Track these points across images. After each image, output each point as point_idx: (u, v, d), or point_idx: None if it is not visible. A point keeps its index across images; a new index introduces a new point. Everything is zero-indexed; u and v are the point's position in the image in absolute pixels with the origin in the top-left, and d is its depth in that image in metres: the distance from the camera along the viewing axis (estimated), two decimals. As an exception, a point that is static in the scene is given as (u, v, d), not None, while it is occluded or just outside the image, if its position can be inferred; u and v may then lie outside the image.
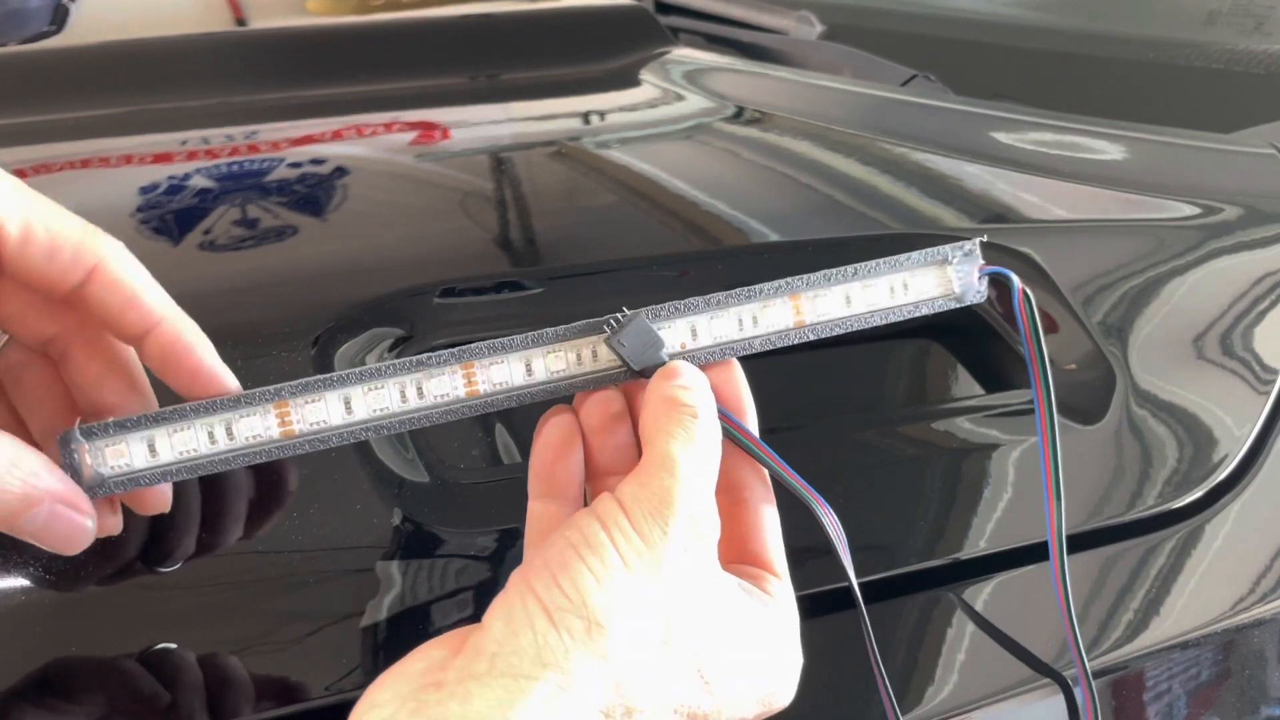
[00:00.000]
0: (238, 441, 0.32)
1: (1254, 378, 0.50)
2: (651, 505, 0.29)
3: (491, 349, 0.33)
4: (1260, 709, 0.44)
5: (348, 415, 0.32)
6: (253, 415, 0.32)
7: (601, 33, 0.78)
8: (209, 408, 0.31)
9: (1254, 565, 0.45)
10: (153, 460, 0.31)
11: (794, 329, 0.35)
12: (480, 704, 0.25)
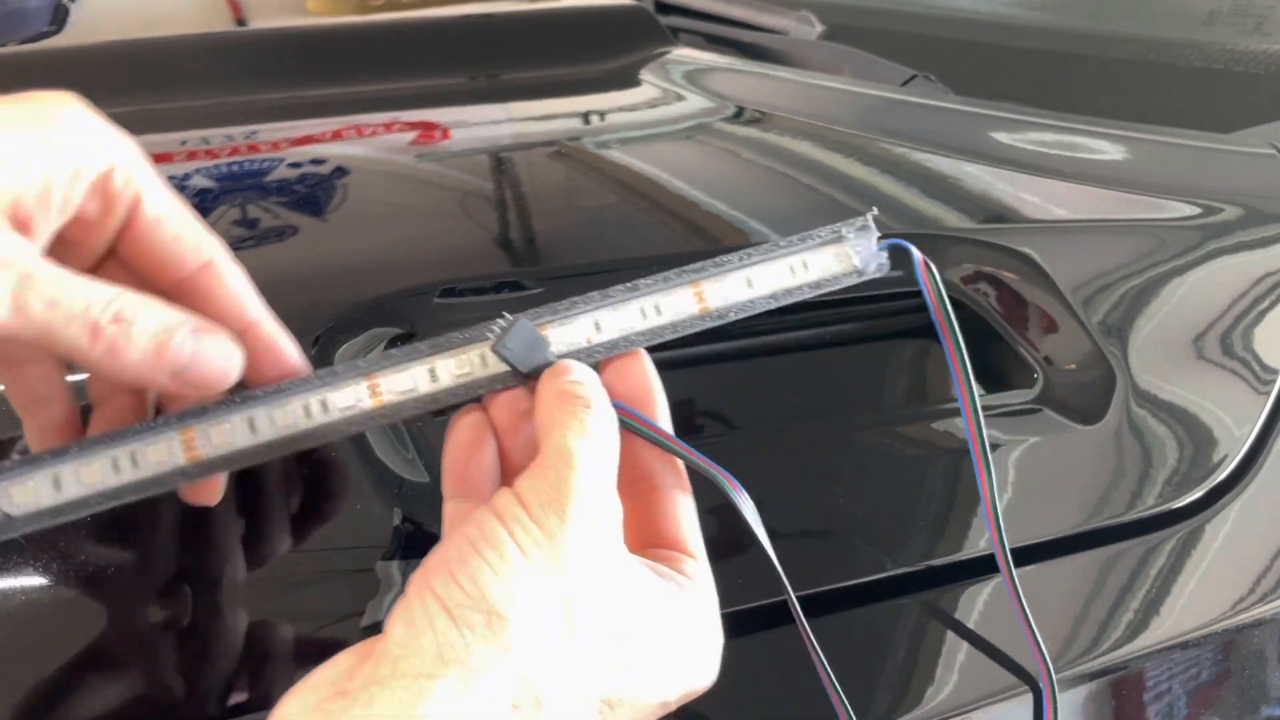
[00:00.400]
0: (144, 471, 0.30)
1: (1254, 378, 0.50)
2: (548, 495, 0.29)
3: (393, 360, 0.33)
4: (1260, 709, 0.44)
5: (253, 437, 0.31)
6: (159, 442, 0.31)
7: (601, 33, 0.78)
8: (114, 438, 0.30)
9: (1254, 565, 0.45)
10: (58, 497, 0.30)
11: (699, 315, 0.35)
12: (383, 707, 0.25)
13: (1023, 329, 0.50)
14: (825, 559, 0.42)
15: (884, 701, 0.38)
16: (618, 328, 0.35)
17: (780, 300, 0.36)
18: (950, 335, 0.36)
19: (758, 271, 0.36)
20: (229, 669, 0.35)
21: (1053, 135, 0.64)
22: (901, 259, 0.36)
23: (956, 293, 0.51)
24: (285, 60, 0.69)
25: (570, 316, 0.34)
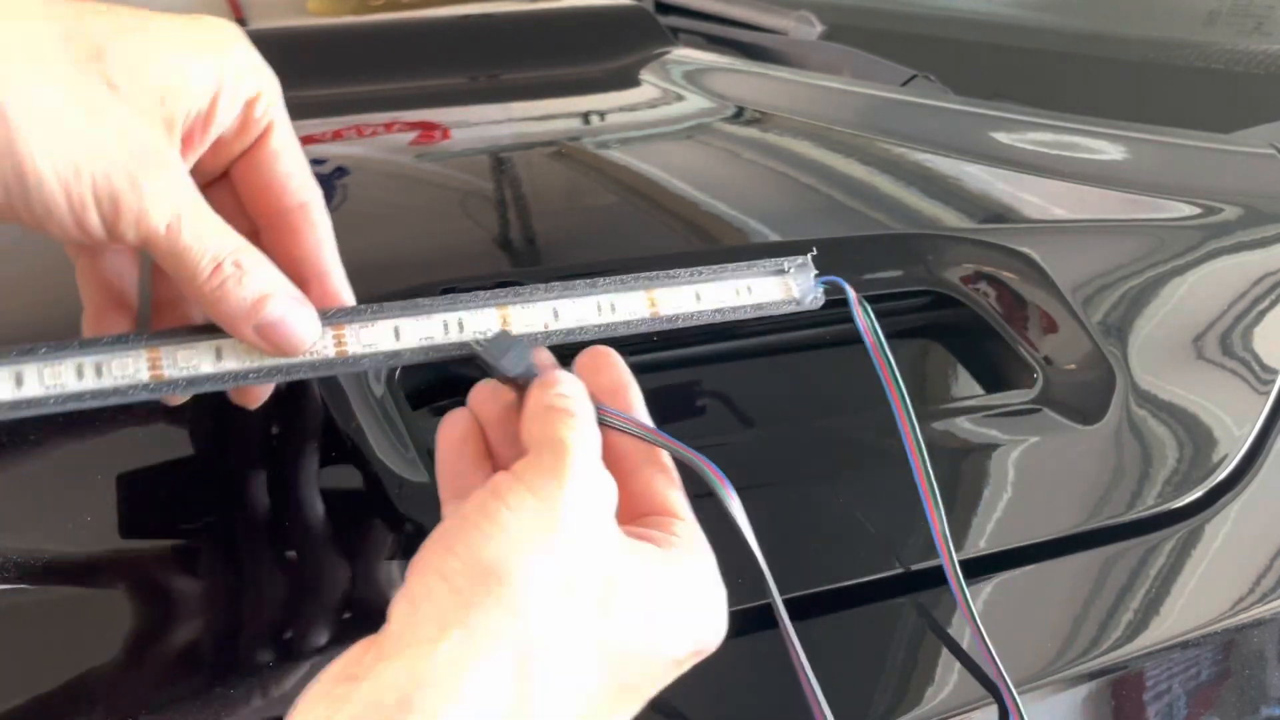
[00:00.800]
0: (106, 381, 0.31)
1: (1254, 377, 0.50)
2: (545, 467, 0.29)
3: (361, 314, 0.34)
4: (1260, 709, 0.44)
5: (218, 364, 0.32)
6: (125, 357, 0.31)
7: (602, 33, 0.78)
8: (85, 346, 0.31)
9: (1254, 565, 0.45)
10: (17, 393, 0.30)
11: (650, 318, 0.38)
12: (389, 679, 0.25)
13: (1022, 329, 0.50)
14: (812, 561, 0.42)
15: (881, 703, 0.38)
16: (575, 318, 0.37)
17: (725, 316, 0.39)
18: (889, 373, 0.39)
19: (707, 288, 0.39)
20: (223, 678, 0.35)
21: (1053, 135, 0.64)
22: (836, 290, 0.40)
23: (957, 293, 0.51)
24: (285, 61, 0.69)
25: (531, 301, 0.36)
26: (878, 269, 0.50)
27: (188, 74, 0.29)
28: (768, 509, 0.43)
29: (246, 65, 0.31)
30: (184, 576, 0.37)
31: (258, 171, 0.33)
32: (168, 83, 0.29)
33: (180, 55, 0.30)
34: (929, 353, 0.52)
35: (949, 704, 0.39)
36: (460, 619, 0.26)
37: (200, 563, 0.37)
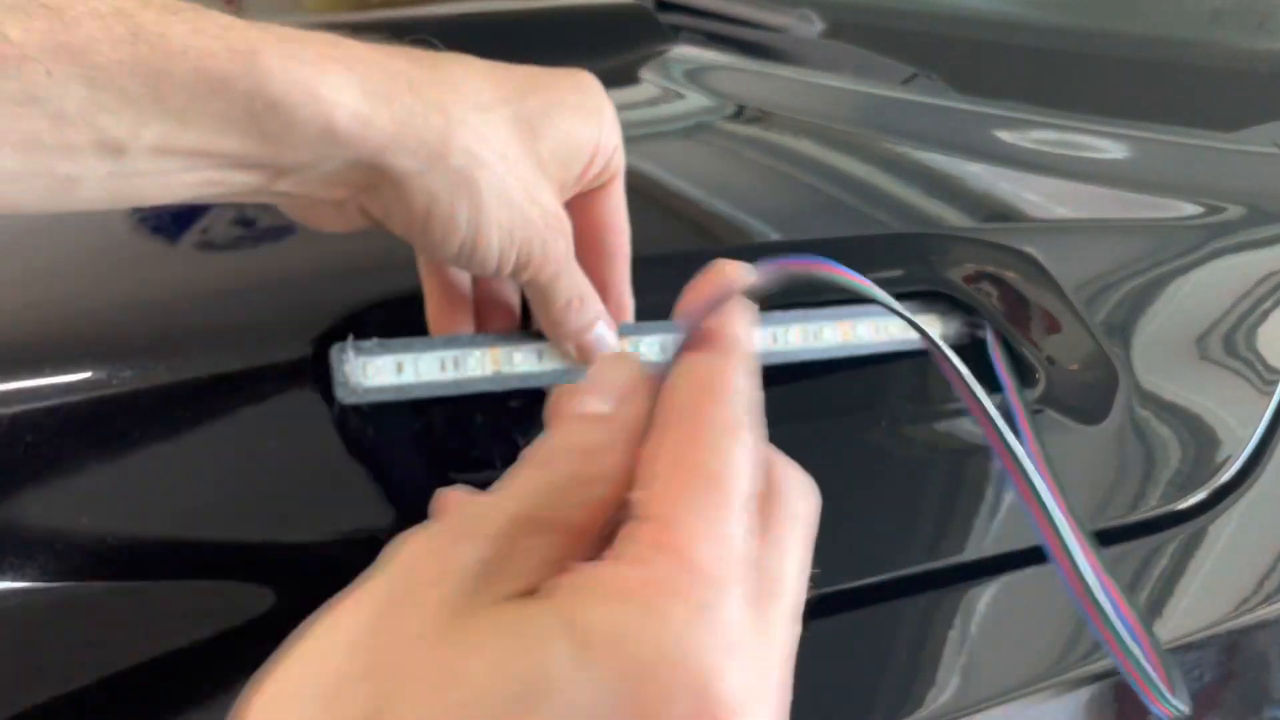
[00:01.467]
0: (460, 374, 0.38)
1: (1258, 378, 0.50)
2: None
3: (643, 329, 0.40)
4: (1264, 710, 0.44)
5: (539, 365, 0.39)
6: (474, 354, 0.38)
7: (601, 30, 0.78)
8: (449, 342, 0.38)
9: (1258, 567, 0.45)
10: (398, 379, 0.37)
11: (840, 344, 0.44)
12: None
13: (1025, 329, 0.50)
14: (826, 560, 0.41)
15: (888, 702, 0.38)
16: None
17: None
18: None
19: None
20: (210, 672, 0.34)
21: (1055, 134, 0.64)
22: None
23: (959, 292, 0.51)
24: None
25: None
26: (879, 269, 0.50)
27: (582, 143, 0.35)
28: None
29: (612, 123, 0.37)
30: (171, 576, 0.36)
31: (593, 207, 0.38)
32: (572, 153, 0.35)
33: (578, 125, 0.35)
34: (929, 353, 0.51)
35: (950, 705, 0.39)
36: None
37: (197, 562, 0.37)
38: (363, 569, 0.38)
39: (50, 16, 0.25)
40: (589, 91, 0.36)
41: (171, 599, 0.36)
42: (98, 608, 0.35)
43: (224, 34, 0.28)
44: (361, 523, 0.39)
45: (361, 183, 0.32)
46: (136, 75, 0.26)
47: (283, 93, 0.28)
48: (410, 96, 0.31)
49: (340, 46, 0.31)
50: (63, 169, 0.27)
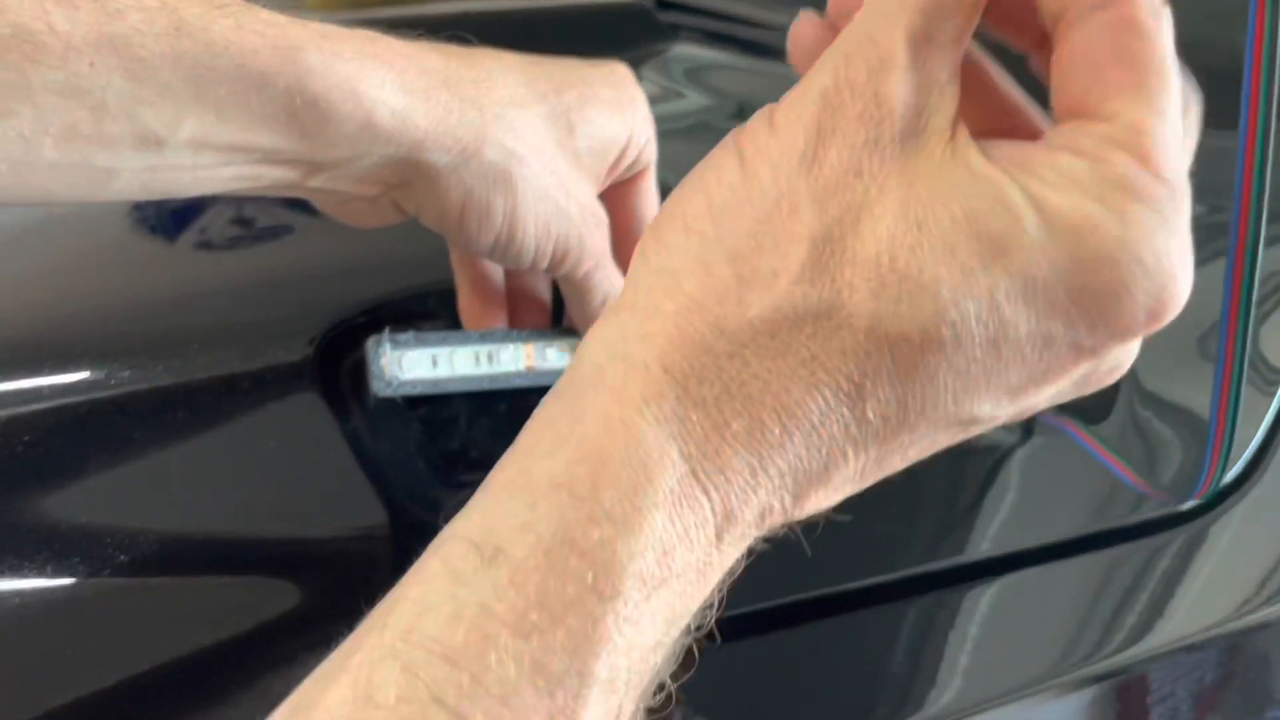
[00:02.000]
0: (495, 369, 0.38)
1: (1259, 379, 0.50)
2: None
3: None
4: (1265, 712, 0.44)
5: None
6: (508, 349, 0.38)
7: (602, 30, 0.78)
8: (484, 337, 0.38)
9: (1259, 568, 0.45)
10: (434, 372, 0.37)
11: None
12: None
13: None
14: (828, 561, 0.41)
15: (889, 703, 0.38)
16: None
17: None
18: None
19: None
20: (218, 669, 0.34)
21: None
22: None
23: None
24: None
25: None
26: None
27: (616, 136, 0.36)
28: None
29: (644, 116, 0.37)
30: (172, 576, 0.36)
31: (626, 199, 0.38)
32: (605, 147, 0.35)
33: (612, 118, 0.35)
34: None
35: (951, 706, 0.39)
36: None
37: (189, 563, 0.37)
38: (364, 566, 0.38)
39: (96, 8, 0.26)
40: (622, 85, 0.37)
41: (172, 598, 0.36)
42: (98, 607, 0.35)
43: (266, 30, 0.28)
44: (360, 521, 0.39)
45: (396, 179, 0.32)
46: (178, 69, 0.27)
47: (323, 90, 0.29)
48: (447, 93, 0.32)
49: (379, 43, 0.32)
50: (100, 160, 0.27)
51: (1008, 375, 0.21)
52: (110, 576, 0.36)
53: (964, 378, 0.21)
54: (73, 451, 0.38)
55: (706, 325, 0.21)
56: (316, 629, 0.36)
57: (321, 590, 0.37)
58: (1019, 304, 0.20)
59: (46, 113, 0.26)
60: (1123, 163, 0.21)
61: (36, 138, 0.26)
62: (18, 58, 0.25)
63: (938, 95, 0.21)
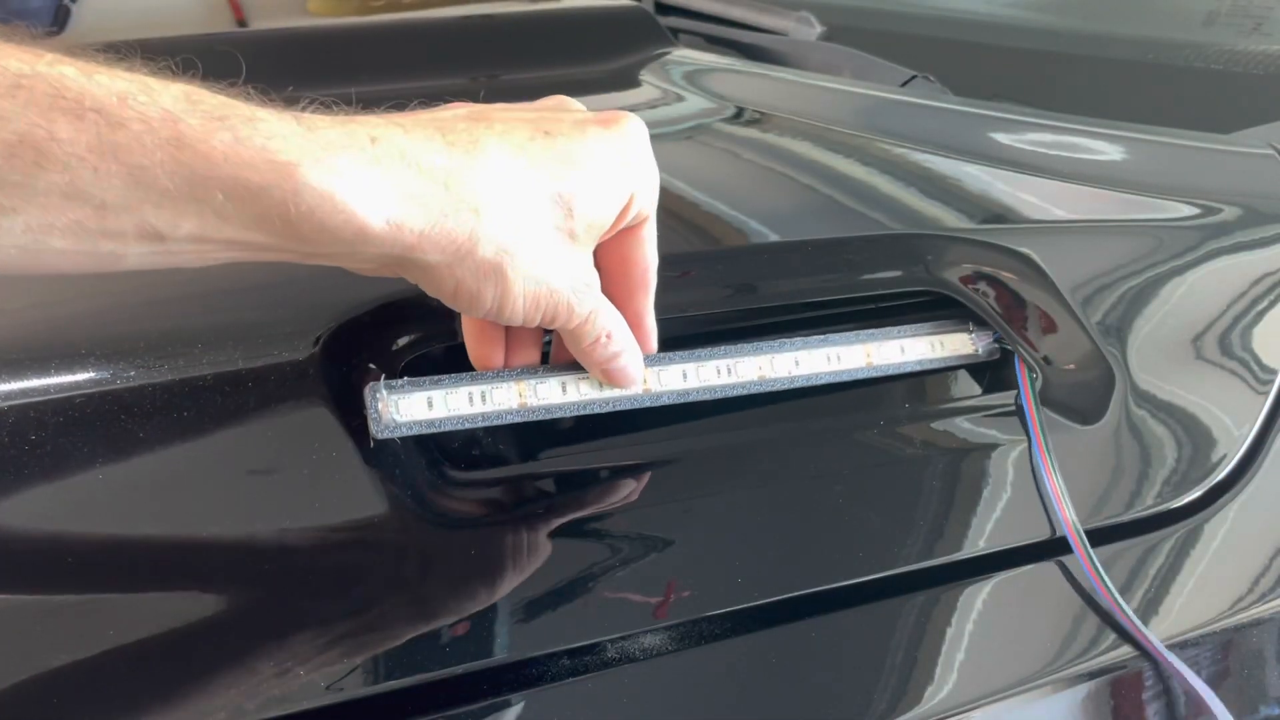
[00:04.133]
0: (489, 407, 0.41)
1: (1253, 378, 0.50)
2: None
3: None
4: (1259, 708, 0.44)
5: (563, 397, 0.41)
6: (502, 388, 0.41)
7: (601, 33, 0.78)
8: (475, 378, 0.41)
9: (1253, 565, 0.45)
10: (429, 413, 0.40)
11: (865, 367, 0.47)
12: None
13: (1022, 329, 0.50)
14: (824, 558, 0.42)
15: (885, 699, 0.38)
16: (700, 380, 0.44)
17: (924, 367, 0.49)
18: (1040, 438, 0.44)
19: (909, 343, 0.49)
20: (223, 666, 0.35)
21: (1052, 136, 0.64)
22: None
23: (956, 293, 0.51)
24: (286, 61, 0.70)
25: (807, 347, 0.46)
26: (877, 269, 0.51)
27: (615, 209, 0.37)
28: (768, 508, 0.43)
29: (648, 175, 0.38)
30: (175, 576, 0.37)
31: (624, 245, 0.39)
32: (604, 222, 0.37)
33: (614, 194, 0.37)
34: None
35: (947, 701, 0.39)
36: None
37: (191, 563, 0.37)
38: (363, 566, 0.38)
39: (98, 119, 0.27)
40: (630, 149, 0.37)
41: (174, 597, 0.36)
42: (97, 607, 0.35)
43: (266, 144, 0.29)
44: (359, 519, 0.39)
45: (392, 265, 0.34)
46: (177, 177, 0.28)
47: (317, 203, 0.30)
48: (444, 195, 0.33)
49: (382, 145, 0.32)
50: (106, 248, 0.29)
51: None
52: (110, 574, 0.36)
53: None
54: (75, 450, 0.38)
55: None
56: (307, 626, 0.37)
57: (311, 590, 0.37)
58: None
59: (51, 211, 0.27)
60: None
61: (44, 230, 0.28)
62: (22, 163, 0.27)
63: None
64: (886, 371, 0.47)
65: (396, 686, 0.35)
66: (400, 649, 0.36)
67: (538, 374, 0.42)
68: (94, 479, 0.38)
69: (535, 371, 0.42)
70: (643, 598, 0.38)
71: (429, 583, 0.38)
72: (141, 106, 0.28)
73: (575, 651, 0.37)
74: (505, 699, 0.36)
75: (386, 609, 0.37)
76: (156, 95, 0.28)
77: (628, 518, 0.42)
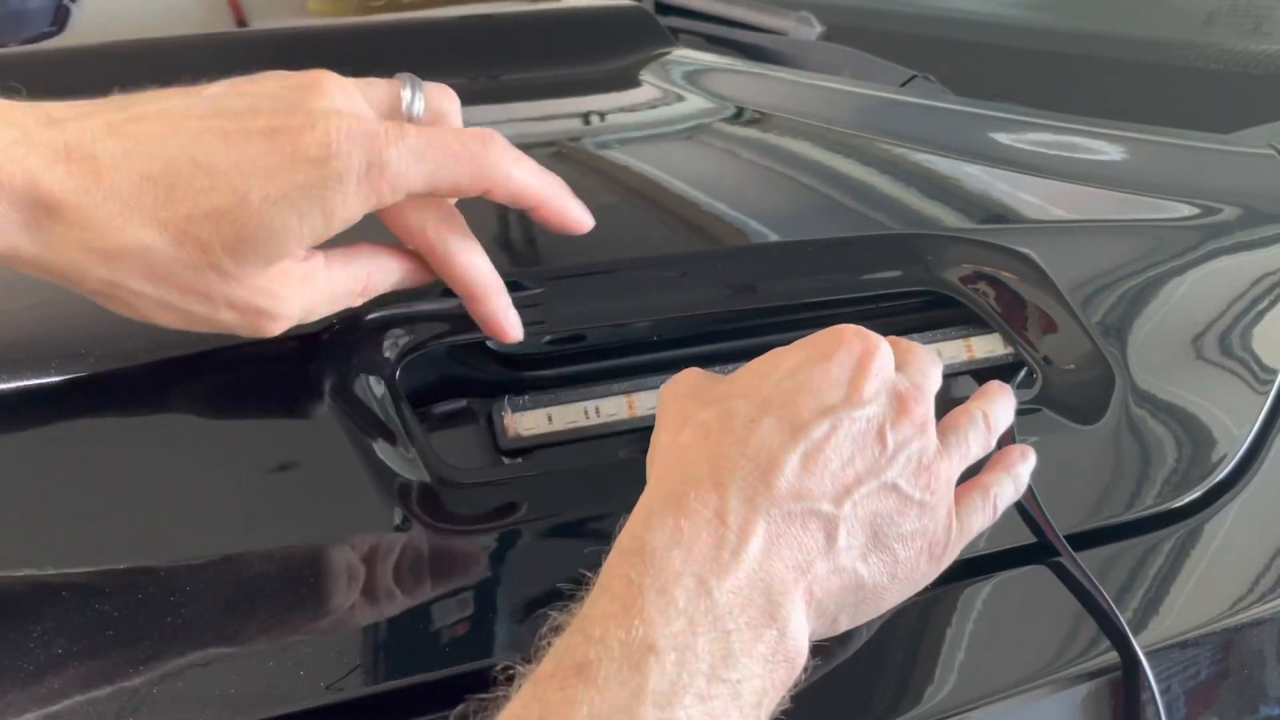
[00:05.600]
0: (602, 419, 0.43)
1: (1253, 377, 0.50)
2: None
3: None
4: (1259, 708, 0.44)
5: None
6: (611, 400, 0.44)
7: (602, 33, 0.78)
8: (586, 394, 0.44)
9: (1253, 565, 0.45)
10: (549, 426, 0.43)
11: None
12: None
13: (1022, 329, 0.50)
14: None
15: (885, 699, 0.38)
16: None
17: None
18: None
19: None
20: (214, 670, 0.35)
21: (1052, 136, 0.64)
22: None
23: (956, 293, 0.51)
24: (286, 61, 0.69)
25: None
26: (878, 269, 0.51)
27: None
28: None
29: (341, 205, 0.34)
30: (179, 576, 0.37)
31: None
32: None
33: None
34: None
35: (947, 702, 0.39)
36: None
37: (194, 563, 0.37)
38: (363, 565, 0.38)
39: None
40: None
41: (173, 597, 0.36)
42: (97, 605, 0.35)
43: None
44: (358, 520, 0.39)
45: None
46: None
47: None
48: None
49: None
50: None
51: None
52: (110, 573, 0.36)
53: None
54: (74, 449, 0.38)
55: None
56: (307, 626, 0.37)
57: (310, 590, 0.37)
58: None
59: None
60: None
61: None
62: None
63: None
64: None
65: (396, 686, 0.35)
66: (400, 649, 0.36)
67: (642, 386, 0.44)
68: (94, 479, 0.38)
69: (638, 383, 0.44)
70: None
71: (429, 583, 0.38)
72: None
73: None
74: (505, 698, 0.36)
75: (387, 609, 0.37)
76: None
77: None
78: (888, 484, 0.34)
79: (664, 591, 0.29)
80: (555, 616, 0.31)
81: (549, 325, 0.45)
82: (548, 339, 0.47)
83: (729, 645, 0.29)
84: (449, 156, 0.35)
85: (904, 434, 0.35)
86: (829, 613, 0.34)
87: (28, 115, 0.32)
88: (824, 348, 0.36)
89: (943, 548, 0.36)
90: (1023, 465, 0.40)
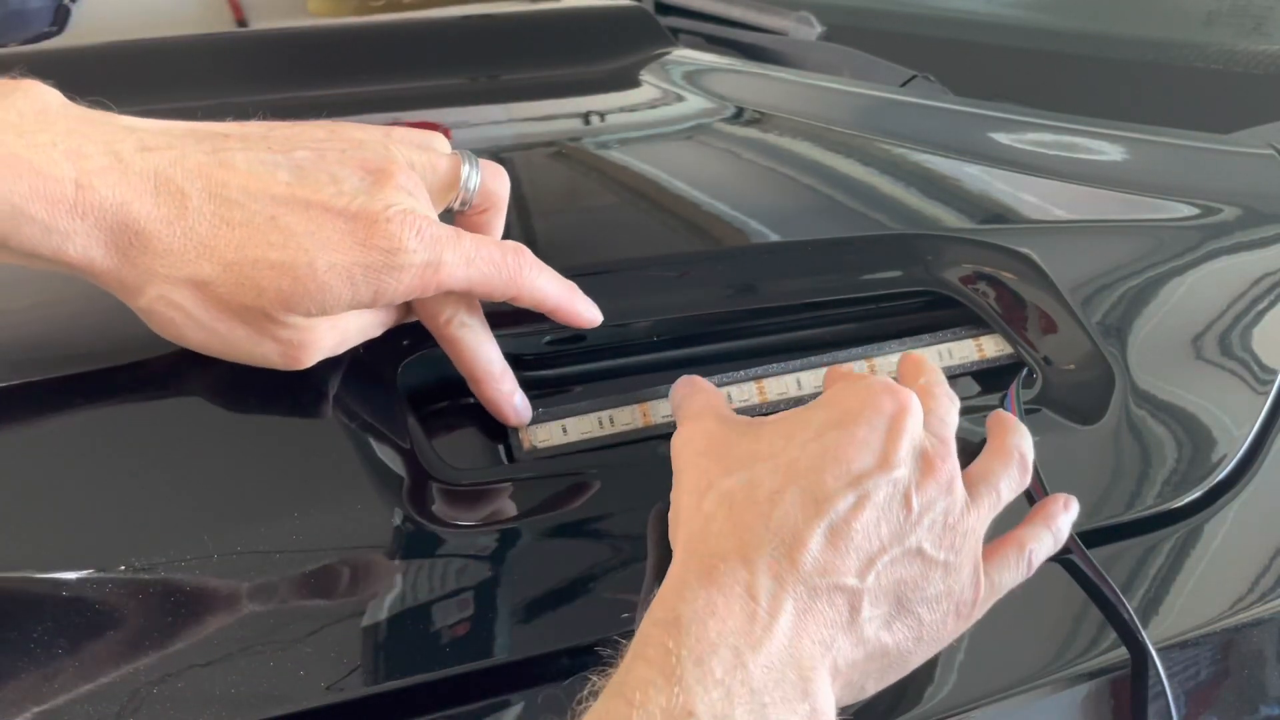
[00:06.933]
0: (616, 428, 0.44)
1: (1253, 378, 0.50)
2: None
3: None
4: (1259, 708, 0.44)
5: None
6: (625, 410, 0.45)
7: (601, 33, 0.78)
8: (599, 403, 0.45)
9: (1253, 565, 0.45)
10: (564, 437, 0.44)
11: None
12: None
13: (1022, 329, 0.50)
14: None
15: (884, 699, 0.38)
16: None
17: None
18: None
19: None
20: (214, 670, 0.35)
21: (1052, 136, 0.64)
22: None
23: (956, 293, 0.51)
24: (286, 61, 0.70)
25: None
26: (877, 269, 0.51)
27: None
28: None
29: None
30: (179, 576, 0.37)
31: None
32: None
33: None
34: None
35: (947, 702, 0.39)
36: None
37: (195, 563, 0.37)
38: (363, 565, 0.38)
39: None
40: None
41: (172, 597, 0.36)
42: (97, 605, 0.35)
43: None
44: (358, 519, 0.39)
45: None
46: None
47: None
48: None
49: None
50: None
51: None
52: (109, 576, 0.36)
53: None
54: (74, 449, 0.38)
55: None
56: (307, 625, 0.37)
57: (310, 589, 0.37)
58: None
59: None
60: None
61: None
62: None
63: None
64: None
65: (396, 686, 0.35)
66: (400, 649, 0.36)
67: (655, 398, 0.45)
68: (94, 479, 0.38)
69: (651, 395, 0.45)
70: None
71: (429, 583, 0.38)
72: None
73: (575, 650, 0.37)
74: (505, 699, 0.36)
75: (387, 609, 0.37)
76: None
77: (633, 519, 0.42)
78: (911, 549, 0.34)
79: (701, 662, 0.29)
80: (595, 680, 0.31)
81: (549, 325, 0.45)
82: (548, 339, 0.47)
83: (765, 718, 0.29)
84: (491, 265, 0.39)
85: (929, 495, 0.34)
86: (855, 682, 0.34)
87: (121, 139, 0.35)
88: (852, 406, 0.35)
89: (970, 605, 0.36)
90: (1064, 518, 0.39)
